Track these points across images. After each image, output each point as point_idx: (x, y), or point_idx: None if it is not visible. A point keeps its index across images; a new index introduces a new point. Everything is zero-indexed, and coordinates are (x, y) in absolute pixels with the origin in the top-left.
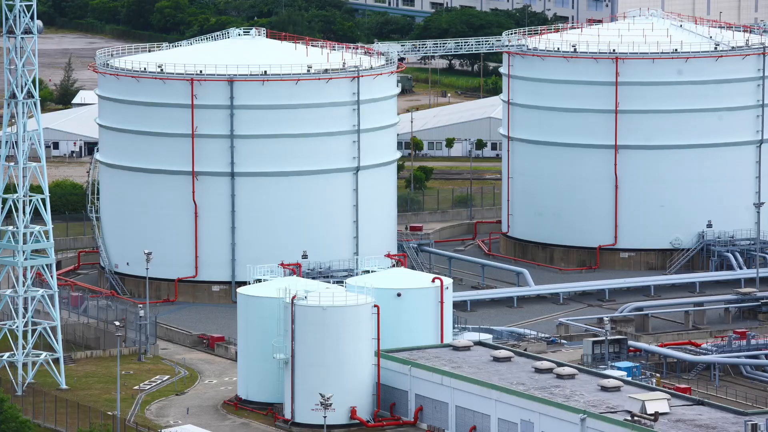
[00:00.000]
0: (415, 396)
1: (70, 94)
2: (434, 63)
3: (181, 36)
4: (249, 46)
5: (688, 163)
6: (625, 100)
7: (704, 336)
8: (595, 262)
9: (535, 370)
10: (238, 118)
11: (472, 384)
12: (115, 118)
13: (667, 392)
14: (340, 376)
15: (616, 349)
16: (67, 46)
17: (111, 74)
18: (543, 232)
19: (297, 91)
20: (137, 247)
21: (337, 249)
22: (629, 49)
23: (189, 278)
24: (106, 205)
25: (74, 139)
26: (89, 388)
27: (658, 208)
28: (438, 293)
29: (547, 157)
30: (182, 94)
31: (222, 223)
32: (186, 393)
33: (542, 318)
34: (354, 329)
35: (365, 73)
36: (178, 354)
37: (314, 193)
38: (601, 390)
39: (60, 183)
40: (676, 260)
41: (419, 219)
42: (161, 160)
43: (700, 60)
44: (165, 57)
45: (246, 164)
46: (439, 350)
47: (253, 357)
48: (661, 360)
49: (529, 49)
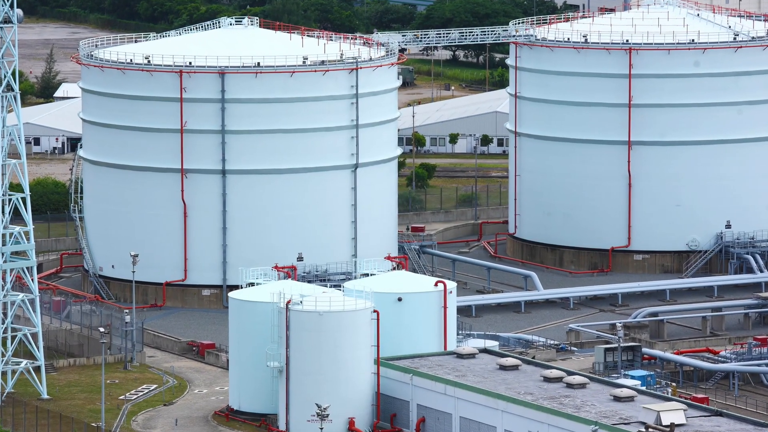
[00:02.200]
0: (417, 406)
1: (52, 87)
2: (437, 54)
3: (169, 26)
4: (241, 37)
5: (706, 160)
6: (639, 94)
7: (723, 343)
8: (608, 264)
9: (544, 379)
10: (229, 112)
11: (477, 394)
12: (99, 113)
13: (683, 402)
14: (337, 385)
15: (629, 357)
16: (48, 36)
17: (95, 66)
18: (552, 233)
19: (292, 84)
20: (123, 249)
21: (335, 251)
22: (643, 39)
23: (178, 282)
24: (90, 205)
25: (56, 135)
26: (72, 398)
27: (674, 208)
28: (441, 298)
29: (556, 154)
30: (170, 87)
31: (213, 224)
32: (174, 403)
33: (551, 324)
34: (352, 336)
35: (364, 65)
36: (166, 362)
37: (310, 191)
38: (614, 400)
39: (41, 181)
40: (693, 263)
41: (421, 219)
42: (148, 157)
43: (719, 51)
44: (152, 48)
45: (238, 161)
46: (442, 358)
47: (245, 365)
48: (677, 368)
49: (537, 40)
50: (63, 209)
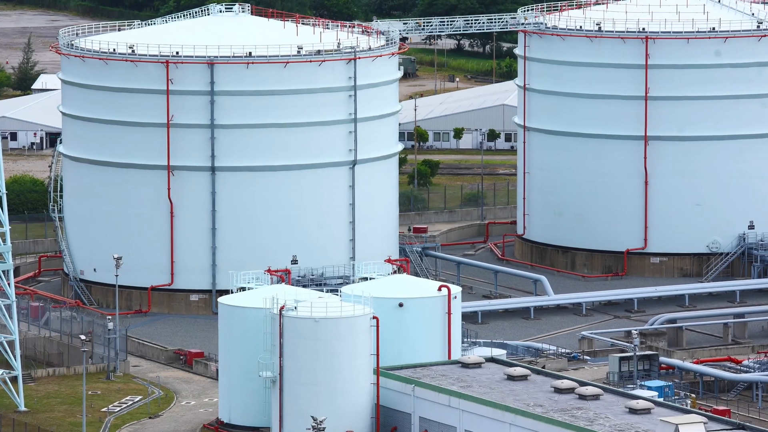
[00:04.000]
0: (419, 419)
1: (30, 79)
2: (441, 43)
3: (154, 13)
4: (231, 25)
5: (728, 156)
6: (656, 86)
7: (745, 351)
8: (623, 268)
9: (555, 390)
10: (219, 105)
11: (483, 406)
12: (80, 106)
13: (703, 415)
14: (334, 396)
15: (645, 367)
16: (26, 24)
17: (76, 56)
18: (563, 235)
19: (286, 75)
20: (105, 252)
21: (332, 253)
22: (661, 27)
23: (164, 286)
24: (71, 204)
25: (34, 129)
26: (51, 410)
27: (694, 207)
28: (445, 303)
29: (567, 150)
30: (156, 79)
31: (201, 224)
32: (160, 416)
33: (562, 331)
34: (350, 344)
35: (363, 55)
36: (151, 372)
37: (305, 190)
38: (629, 412)
39: (18, 179)
40: (713, 266)
41: (424, 219)
42: (132, 153)
43: (741, 40)
44: (137, 36)
45: (228, 157)
46: (446, 367)
47: (236, 375)
48: (696, 378)
49: (548, 28)
50: (41, 209)
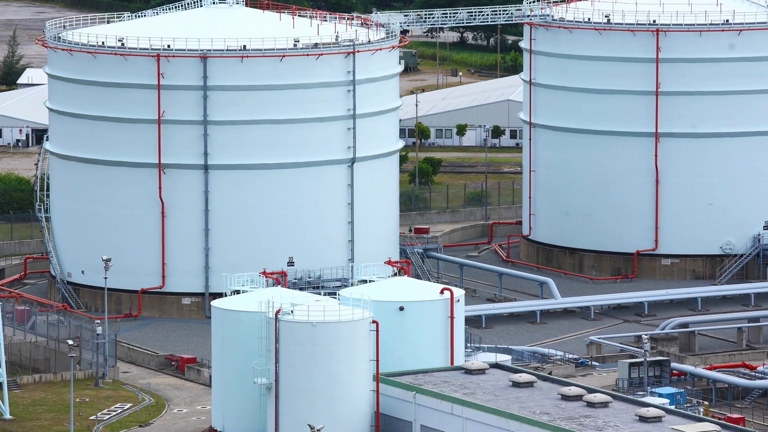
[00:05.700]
0: (421, 427)
1: (15, 73)
2: (443, 36)
3: (145, 5)
4: (225, 17)
5: (742, 154)
6: (667, 80)
7: (760, 357)
8: (632, 270)
9: (562, 397)
10: (212, 101)
11: (487, 414)
12: (67, 101)
13: (716, 423)
14: (332, 404)
15: (656, 373)
16: (11, 16)
17: (63, 49)
18: (570, 235)
19: (282, 70)
20: (94, 253)
21: (329, 255)
22: (672, 19)
23: (155, 289)
24: (58, 204)
25: (20, 126)
26: (38, 418)
27: (706, 207)
28: (447, 307)
29: (575, 147)
30: (147, 73)
31: (194, 225)
32: (151, 424)
33: (570, 336)
34: (349, 349)
35: (362, 49)
36: (142, 378)
37: (302, 189)
38: (640, 420)
39: (3, 177)
40: (727, 268)
41: (425, 219)
42: (122, 151)
43: (756, 33)
44: (127, 29)
45: (222, 155)
46: (448, 374)
47: (230, 382)
48: (709, 385)
49: (554, 20)
50: (27, 208)
